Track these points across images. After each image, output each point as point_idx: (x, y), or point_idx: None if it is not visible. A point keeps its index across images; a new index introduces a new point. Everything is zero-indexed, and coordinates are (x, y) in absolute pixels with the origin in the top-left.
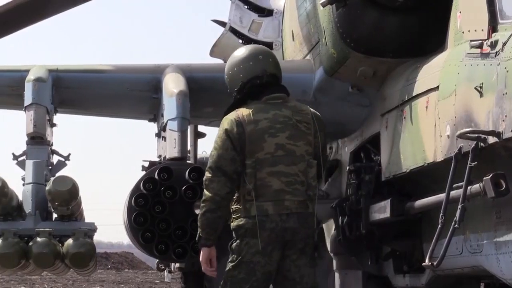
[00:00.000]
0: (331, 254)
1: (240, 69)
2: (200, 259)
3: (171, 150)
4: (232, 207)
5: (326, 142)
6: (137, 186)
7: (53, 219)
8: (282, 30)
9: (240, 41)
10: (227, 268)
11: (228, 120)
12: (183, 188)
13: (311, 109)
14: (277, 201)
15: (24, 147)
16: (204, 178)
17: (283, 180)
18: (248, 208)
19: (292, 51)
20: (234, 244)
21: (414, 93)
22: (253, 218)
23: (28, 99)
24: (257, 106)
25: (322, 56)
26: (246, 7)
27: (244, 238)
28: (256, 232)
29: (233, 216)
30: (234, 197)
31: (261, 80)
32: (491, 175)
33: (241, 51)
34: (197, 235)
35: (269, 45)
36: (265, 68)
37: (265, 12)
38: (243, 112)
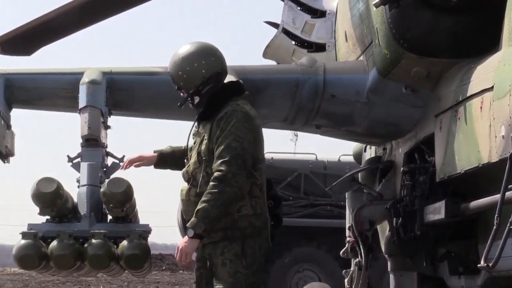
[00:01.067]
0: (386, 256)
1: (202, 65)
2: (186, 248)
3: None
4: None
5: None
6: None
7: (108, 221)
8: (335, 31)
9: (293, 42)
10: (244, 275)
11: (243, 113)
12: None
13: None
14: (264, 198)
15: (78, 149)
16: (226, 169)
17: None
18: (254, 205)
19: (345, 52)
20: (246, 246)
21: (469, 94)
22: (259, 216)
23: (82, 101)
24: (247, 102)
25: (375, 57)
26: (299, 8)
27: (253, 238)
28: (263, 230)
29: (238, 214)
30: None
31: (220, 76)
32: None
33: (195, 48)
34: (196, 222)
35: (322, 46)
36: (222, 65)
37: (318, 13)
38: (245, 106)
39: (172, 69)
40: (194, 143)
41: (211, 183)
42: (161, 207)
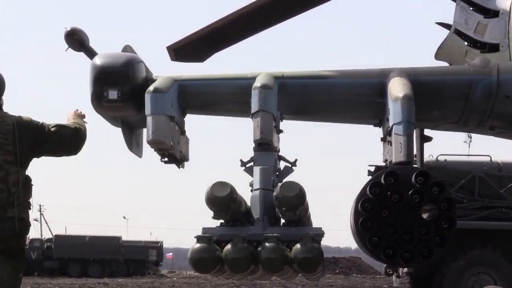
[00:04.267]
0: None
1: None
2: None
3: (397, 154)
4: None
5: (36, 141)
6: (363, 190)
7: (281, 224)
8: (508, 30)
9: (466, 43)
10: None
11: None
12: (410, 192)
13: (21, 117)
14: None
15: (251, 153)
16: None
17: None
18: None
19: None
20: None
21: None
22: None
23: (255, 106)
24: None
25: None
26: (471, 8)
27: None
28: None
29: None
30: None
31: None
32: None
33: None
34: None
35: (496, 46)
36: None
37: (490, 13)
38: None
39: None
40: None
41: None
42: (332, 210)
